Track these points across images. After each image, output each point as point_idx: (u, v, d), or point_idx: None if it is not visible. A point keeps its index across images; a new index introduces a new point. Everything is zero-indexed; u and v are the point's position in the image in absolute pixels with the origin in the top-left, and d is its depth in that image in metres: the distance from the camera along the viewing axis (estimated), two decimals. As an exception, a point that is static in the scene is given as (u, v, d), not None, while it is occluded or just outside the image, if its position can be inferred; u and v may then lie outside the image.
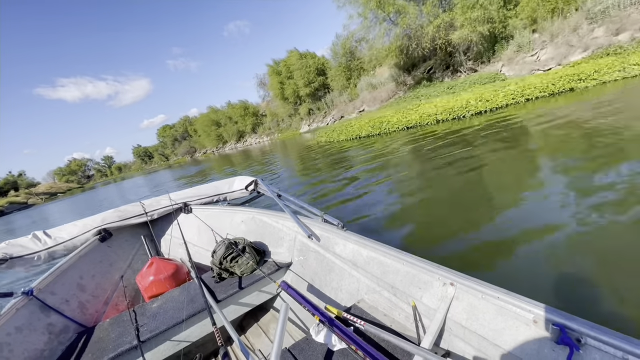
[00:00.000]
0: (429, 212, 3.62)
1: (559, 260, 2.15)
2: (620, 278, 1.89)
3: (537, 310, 0.88)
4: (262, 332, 1.97)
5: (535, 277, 2.06)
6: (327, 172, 7.36)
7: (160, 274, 2.08)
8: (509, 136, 5.97)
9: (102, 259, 2.48)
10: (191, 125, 65.39)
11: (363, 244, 1.50)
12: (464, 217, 3.17)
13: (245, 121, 45.34)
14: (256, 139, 42.63)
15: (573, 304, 1.81)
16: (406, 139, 8.97)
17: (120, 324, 1.68)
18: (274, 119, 40.05)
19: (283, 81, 34.13)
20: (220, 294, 1.76)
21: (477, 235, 2.75)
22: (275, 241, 2.11)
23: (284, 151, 17.28)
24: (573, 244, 2.28)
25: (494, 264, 2.35)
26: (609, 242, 2.21)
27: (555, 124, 5.86)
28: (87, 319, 1.99)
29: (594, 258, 2.11)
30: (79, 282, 2.17)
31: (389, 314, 1.34)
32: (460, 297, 1.08)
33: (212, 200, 2.97)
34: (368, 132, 12.21)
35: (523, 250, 2.36)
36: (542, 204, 2.98)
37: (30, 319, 1.68)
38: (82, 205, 21.55)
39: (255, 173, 11.12)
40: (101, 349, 1.50)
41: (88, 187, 74.88)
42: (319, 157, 10.18)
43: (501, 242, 2.55)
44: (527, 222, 2.72)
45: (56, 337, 1.70)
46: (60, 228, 2.47)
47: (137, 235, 2.88)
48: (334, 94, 29.89)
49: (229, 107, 48.50)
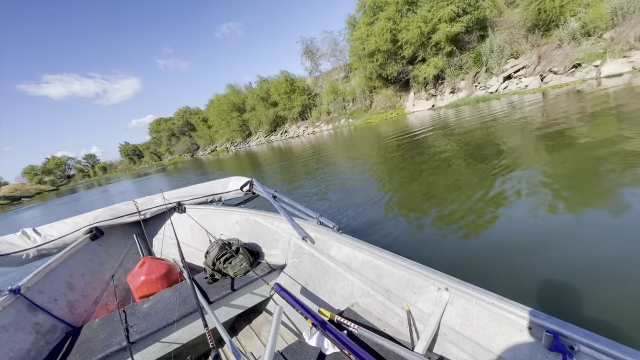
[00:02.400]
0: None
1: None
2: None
3: (531, 317, 0.88)
4: (254, 335, 1.95)
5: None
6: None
7: (152, 274, 2.05)
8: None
9: (92, 258, 2.44)
10: (196, 115, 52.95)
11: (358, 247, 1.49)
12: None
13: (291, 102, 30.89)
14: (304, 128, 29.51)
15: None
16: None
17: (110, 325, 1.65)
18: (338, 99, 27.27)
19: (394, 18, 19.71)
20: (212, 295, 1.74)
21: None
22: (269, 243, 2.10)
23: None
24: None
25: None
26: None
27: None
28: (76, 318, 1.95)
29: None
30: (69, 280, 2.13)
31: (382, 318, 1.33)
32: (454, 303, 1.08)
33: (206, 200, 2.95)
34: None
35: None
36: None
37: (17, 317, 1.64)
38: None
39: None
40: (89, 350, 1.47)
41: (66, 190, 59.52)
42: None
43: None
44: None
45: (43, 337, 1.67)
46: (50, 225, 2.43)
47: (129, 234, 2.84)
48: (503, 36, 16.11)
49: (263, 84, 34.40)
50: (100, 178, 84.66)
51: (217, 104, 40.97)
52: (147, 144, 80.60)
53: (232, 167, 17.64)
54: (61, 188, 75.89)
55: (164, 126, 65.93)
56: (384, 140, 10.73)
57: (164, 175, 25.25)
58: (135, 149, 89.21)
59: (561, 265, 2.15)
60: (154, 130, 72.02)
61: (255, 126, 36.31)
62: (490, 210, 3.24)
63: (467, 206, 3.46)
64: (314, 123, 29.20)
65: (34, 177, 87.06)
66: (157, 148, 74.68)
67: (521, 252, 2.42)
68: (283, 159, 13.79)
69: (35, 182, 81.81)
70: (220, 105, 40.05)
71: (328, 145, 14.43)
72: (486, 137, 7.12)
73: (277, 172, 10.33)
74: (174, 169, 30.84)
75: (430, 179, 4.94)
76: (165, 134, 64.89)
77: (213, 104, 43.00)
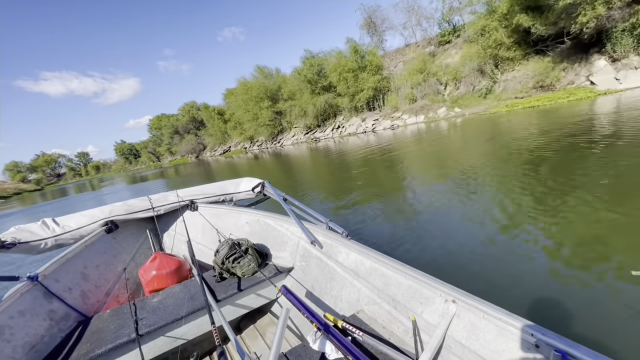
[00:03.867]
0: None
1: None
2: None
3: (540, 335, 0.86)
4: (258, 335, 1.96)
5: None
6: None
7: (162, 269, 2.10)
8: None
9: (106, 250, 2.51)
10: (206, 110, 45.49)
11: (366, 254, 1.49)
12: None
13: (358, 83, 22.41)
14: (373, 121, 21.28)
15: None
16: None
17: (120, 316, 1.69)
18: (431, 80, 19.72)
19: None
20: (220, 294, 1.77)
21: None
22: (278, 245, 2.12)
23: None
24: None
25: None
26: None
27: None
28: (88, 308, 2.01)
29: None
30: (83, 271, 2.20)
31: (388, 326, 1.32)
32: (461, 315, 1.07)
33: (218, 199, 3.00)
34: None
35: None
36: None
37: (33, 304, 1.70)
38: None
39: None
40: (99, 340, 1.52)
41: (53, 190, 49.28)
42: None
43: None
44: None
45: (57, 324, 1.73)
46: (69, 217, 2.52)
47: (142, 229, 2.91)
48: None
49: (310, 61, 25.05)
50: (92, 178, 78.06)
51: (244, 89, 31.47)
52: (145, 143, 74.11)
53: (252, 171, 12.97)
54: (47, 188, 65.97)
55: (165, 122, 59.01)
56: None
57: (164, 183, 18.85)
58: (132, 147, 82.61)
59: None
60: (154, 127, 64.31)
61: (293, 119, 27.12)
62: None
63: None
64: (390, 114, 20.80)
65: (17, 174, 77.64)
66: (156, 147, 67.89)
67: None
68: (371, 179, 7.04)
69: (17, 180, 73.31)
70: (248, 91, 30.37)
71: (446, 154, 8.26)
72: None
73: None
74: (174, 173, 24.64)
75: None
76: (167, 130, 57.96)
77: (237, 92, 33.91)
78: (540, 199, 3.72)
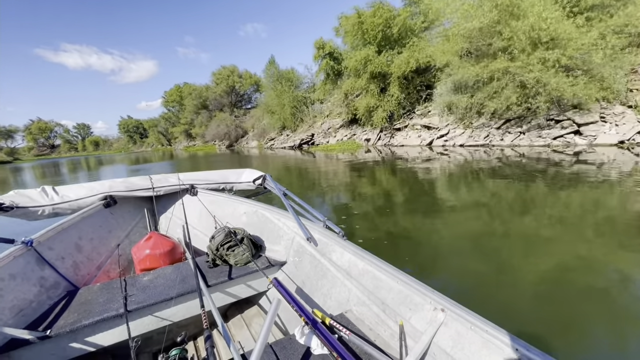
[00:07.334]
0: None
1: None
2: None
3: (524, 351, 0.87)
4: (244, 325, 1.97)
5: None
6: None
7: (156, 249, 2.11)
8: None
9: (102, 224, 2.52)
10: (271, 67, 30.79)
11: (360, 255, 1.50)
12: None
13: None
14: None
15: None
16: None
17: (110, 290, 1.70)
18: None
19: None
20: (211, 280, 1.78)
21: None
22: (273, 238, 2.13)
23: None
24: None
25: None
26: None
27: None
28: (79, 279, 2.02)
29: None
30: (77, 242, 2.21)
31: (374, 328, 1.34)
32: (448, 324, 1.08)
33: (218, 187, 3.01)
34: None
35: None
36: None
37: (25, 269, 1.71)
38: None
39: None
40: (87, 311, 1.52)
41: (33, 162, 40.15)
42: None
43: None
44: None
45: (46, 291, 1.73)
46: (68, 187, 2.53)
47: (140, 207, 2.92)
48: None
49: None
50: (89, 154, 68.15)
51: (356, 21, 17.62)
52: (155, 121, 61.88)
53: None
54: (27, 160, 50.91)
55: (187, 93, 42.17)
56: None
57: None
58: (139, 125, 72.13)
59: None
60: (171, 99, 48.41)
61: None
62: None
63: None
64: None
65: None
66: (169, 127, 53.20)
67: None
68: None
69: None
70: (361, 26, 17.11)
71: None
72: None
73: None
74: (189, 165, 17.56)
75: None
76: (191, 102, 41.59)
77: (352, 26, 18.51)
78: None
